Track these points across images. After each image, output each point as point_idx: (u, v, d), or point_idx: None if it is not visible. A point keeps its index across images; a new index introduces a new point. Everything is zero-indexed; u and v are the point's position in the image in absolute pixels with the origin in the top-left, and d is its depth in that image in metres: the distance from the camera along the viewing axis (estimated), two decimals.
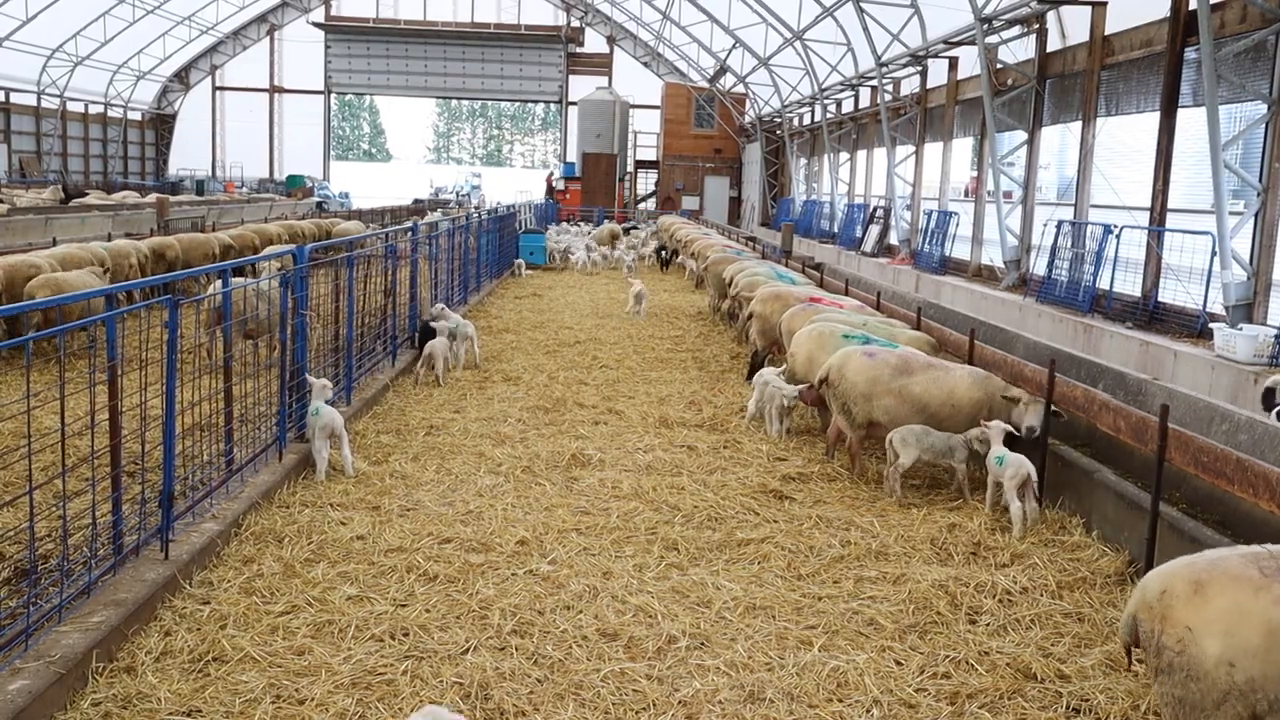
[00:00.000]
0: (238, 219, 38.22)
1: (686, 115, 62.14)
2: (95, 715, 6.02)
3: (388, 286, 17.11)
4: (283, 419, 11.01)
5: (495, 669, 6.78)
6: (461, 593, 8.01)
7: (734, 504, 10.41)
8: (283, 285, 11.68)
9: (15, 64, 56.59)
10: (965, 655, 7.25)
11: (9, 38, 53.79)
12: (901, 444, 10.64)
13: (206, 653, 6.86)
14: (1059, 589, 8.47)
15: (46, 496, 7.38)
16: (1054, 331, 19.15)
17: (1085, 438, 11.61)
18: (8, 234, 26.91)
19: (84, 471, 8.03)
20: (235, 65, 73.23)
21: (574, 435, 12.90)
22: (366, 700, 6.37)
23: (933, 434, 10.73)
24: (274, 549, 8.74)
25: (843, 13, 35.83)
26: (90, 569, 7.27)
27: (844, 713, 6.41)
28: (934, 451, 10.67)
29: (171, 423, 8.25)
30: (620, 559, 8.86)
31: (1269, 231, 16.14)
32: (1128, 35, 20.88)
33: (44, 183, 52.91)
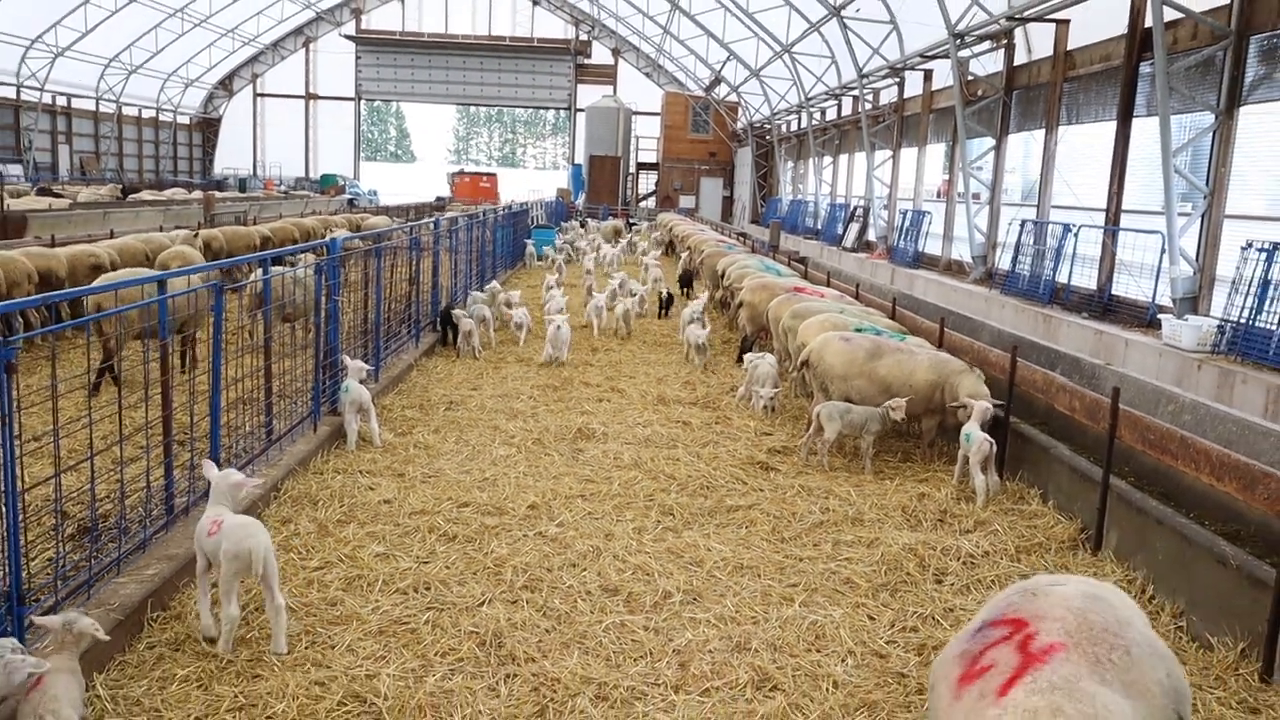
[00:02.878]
0: (276, 214, 38.17)
1: (684, 121, 62.00)
2: (150, 657, 6.08)
3: (412, 275, 17.14)
4: (316, 394, 11.05)
5: (508, 620, 6.84)
6: (478, 551, 8.06)
7: (724, 474, 10.46)
8: (317, 273, 11.70)
9: (76, 73, 56.52)
10: (932, 611, 7.30)
11: (70, 48, 53.69)
12: (827, 419, 10.82)
13: (249, 603, 6.91)
14: (1017, 553, 8.52)
15: (106, 462, 7.41)
16: (1017, 321, 19.16)
17: (1044, 416, 11.64)
18: (70, 226, 26.87)
19: (139, 440, 8.07)
20: (274, 74, 73.04)
21: (580, 411, 12.93)
22: (392, 646, 6.43)
23: (853, 410, 10.94)
24: (309, 511, 8.80)
25: (828, 28, 35.77)
26: (145, 527, 7.32)
27: (821, 662, 6.46)
28: (852, 425, 10.85)
29: (217, 397, 8.30)
30: (621, 522, 8.91)
31: (1214, 231, 16.14)
32: (1088, 50, 20.82)
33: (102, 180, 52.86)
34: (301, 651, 6.28)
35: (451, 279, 20.38)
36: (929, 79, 30.54)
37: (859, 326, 13.10)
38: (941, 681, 3.94)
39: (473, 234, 23.36)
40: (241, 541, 6.04)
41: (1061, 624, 3.79)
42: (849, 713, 5.86)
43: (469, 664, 6.26)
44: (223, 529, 6.19)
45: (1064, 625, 3.78)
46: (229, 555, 6.03)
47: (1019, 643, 3.76)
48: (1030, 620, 3.88)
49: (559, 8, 70.07)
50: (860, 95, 35.36)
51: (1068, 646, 3.66)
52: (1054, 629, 3.78)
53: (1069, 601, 3.96)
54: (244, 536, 6.08)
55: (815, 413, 10.99)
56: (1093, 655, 3.63)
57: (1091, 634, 3.74)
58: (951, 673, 3.87)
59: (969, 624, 4.20)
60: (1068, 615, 3.85)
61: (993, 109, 25.22)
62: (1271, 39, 15.25)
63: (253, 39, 69.57)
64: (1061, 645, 3.67)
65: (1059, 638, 3.71)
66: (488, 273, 25.68)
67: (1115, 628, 3.81)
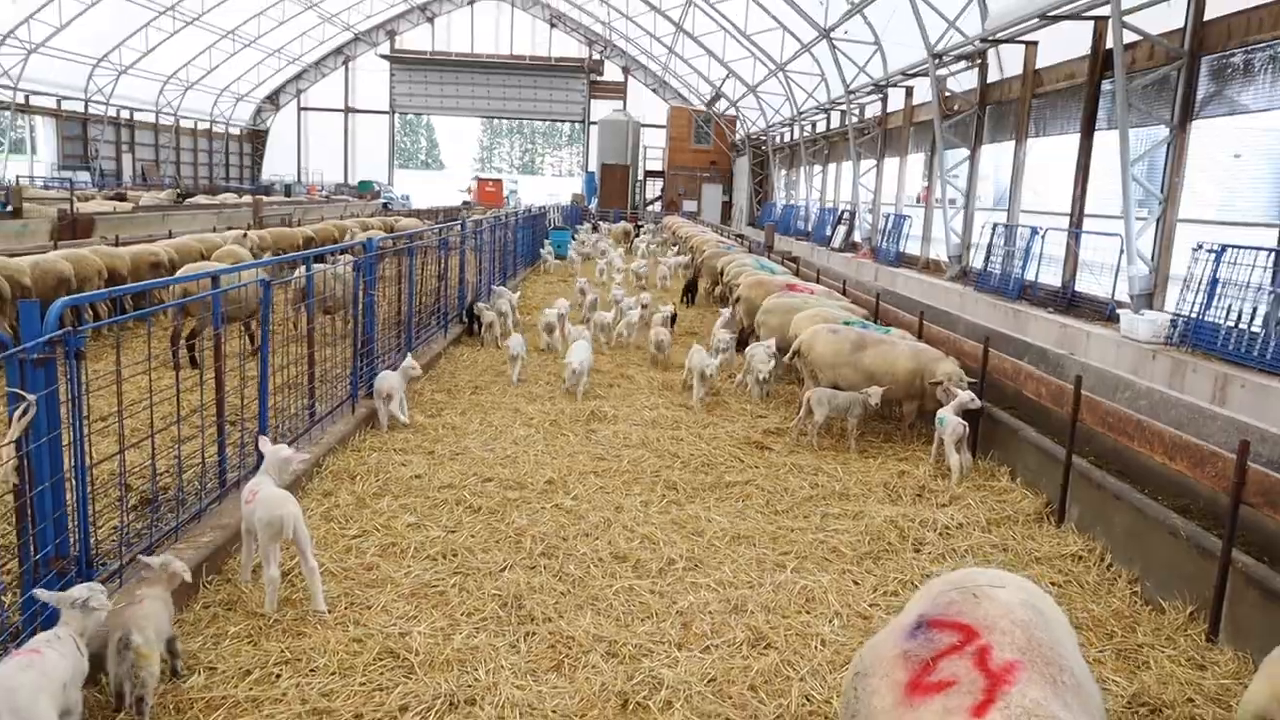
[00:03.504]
0: (318, 216, 38.13)
1: (687, 133, 61.79)
2: (205, 616, 6.11)
3: (440, 272, 17.15)
4: (354, 380, 11.07)
5: (527, 584, 6.86)
6: (500, 522, 8.08)
7: (723, 453, 10.47)
8: (355, 270, 11.71)
9: (137, 89, 56.59)
10: (911, 577, 7.31)
11: (133, 66, 53.74)
12: (817, 404, 10.83)
13: (293, 568, 6.94)
14: (988, 525, 8.52)
15: (165, 440, 7.43)
16: (989, 315, 19.11)
17: (1013, 401, 11.62)
18: (133, 227, 26.89)
19: (194, 420, 8.09)
20: (316, 90, 72.89)
21: (592, 395, 12.94)
22: (422, 607, 6.45)
23: (839, 395, 10.96)
24: (348, 485, 8.82)
25: (818, 49, 35.67)
26: (200, 499, 7.36)
27: (810, 622, 6.47)
28: (838, 409, 10.87)
29: (265, 381, 8.32)
30: (630, 496, 8.92)
31: (1168, 234, 16.09)
32: (1055, 69, 20.73)
33: (161, 185, 52.85)
34: (341, 611, 6.30)
35: (476, 276, 20.39)
36: (910, 95, 30.44)
37: (847, 320, 13.10)
38: (879, 678, 3.55)
39: (495, 235, 23.36)
40: (273, 509, 6.18)
41: (1012, 639, 3.45)
42: (835, 668, 5.87)
43: (492, 623, 6.28)
44: (258, 498, 6.34)
45: (1014, 641, 3.44)
46: (263, 522, 6.18)
47: (975, 657, 3.40)
48: (980, 630, 3.51)
49: (574, 30, 69.81)
50: (847, 110, 35.23)
51: (1025, 666, 3.32)
52: (1006, 644, 3.42)
53: (1013, 613, 3.60)
54: (275, 505, 6.22)
55: (806, 398, 10.99)
56: (1049, 676, 3.33)
57: (1040, 652, 3.42)
58: (894, 673, 3.50)
59: (902, 616, 3.82)
60: (1015, 630, 3.49)
61: (968, 122, 25.14)
62: (1221, 60, 15.18)
63: (297, 58, 69.48)
64: (1019, 664, 3.33)
65: (1014, 655, 3.38)
66: (508, 270, 25.69)
67: (1057, 647, 3.51)
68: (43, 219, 24.89)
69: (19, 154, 50.79)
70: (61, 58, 48.57)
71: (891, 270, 27.23)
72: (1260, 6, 14.09)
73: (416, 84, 71.64)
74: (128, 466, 6.70)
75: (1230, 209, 17.51)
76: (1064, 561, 7.77)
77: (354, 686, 5.43)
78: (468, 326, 17.28)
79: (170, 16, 51.39)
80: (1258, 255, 12.92)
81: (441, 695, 5.34)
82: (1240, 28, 14.57)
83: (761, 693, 5.55)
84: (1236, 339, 12.70)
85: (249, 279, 10.54)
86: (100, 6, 46.10)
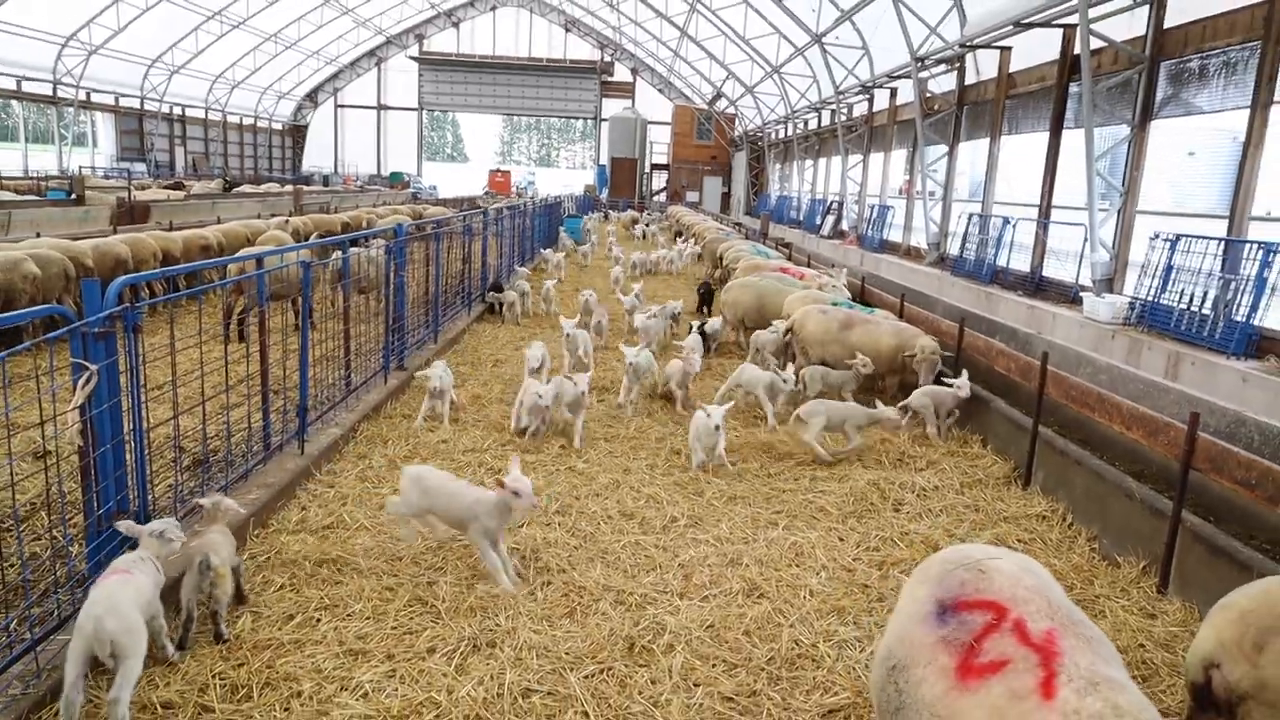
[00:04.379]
0: (354, 204, 38.07)
1: (690, 130, 61.45)
2: (252, 565, 6.13)
3: (465, 256, 17.12)
4: (386, 353, 11.07)
5: (543, 539, 6.88)
6: None
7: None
8: (387, 253, 11.69)
9: (188, 87, 56.39)
10: (891, 534, 7.32)
11: (184, 67, 53.54)
12: (810, 380, 10.85)
13: (332, 523, 6.98)
14: (961, 487, 8.52)
15: (215, 407, 7.45)
16: (964, 297, 19.06)
17: (985, 376, 11.61)
18: (185, 213, 26.85)
19: (241, 389, 8.11)
20: (351, 88, 72.49)
21: (604, 367, 12.93)
22: (447, 558, 6.48)
23: (830, 373, 11.02)
24: (380, 448, 8.84)
25: (810, 53, 35.44)
26: (247, 460, 7.38)
27: (800, 574, 6.49)
28: (830, 385, 10.92)
29: (305, 354, 8.33)
30: (636, 460, 8.93)
31: (1127, 224, 16.01)
32: (1027, 73, 20.57)
33: (210, 176, 52.73)
34: (373, 562, 6.33)
35: (498, 259, 20.36)
36: (894, 95, 30.23)
37: (835, 301, 13.07)
38: (923, 667, 3.34)
39: (515, 222, 23.30)
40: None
41: (1037, 607, 3.30)
42: (822, 615, 5.89)
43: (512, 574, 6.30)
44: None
45: (1039, 608, 3.30)
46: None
47: (1015, 632, 3.23)
48: (1008, 605, 3.34)
49: (587, 34, 69.26)
50: (837, 109, 35.00)
51: (1060, 631, 3.18)
52: (1035, 613, 3.28)
53: (1023, 580, 3.46)
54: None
55: (802, 375, 10.96)
56: (1080, 635, 3.20)
57: (1064, 614, 3.30)
58: (938, 659, 3.30)
59: (919, 605, 3.60)
60: (1035, 597, 3.36)
61: (947, 121, 24.97)
62: (1178, 65, 15.06)
63: (334, 60, 69.13)
64: (1055, 630, 3.18)
65: (1047, 623, 3.23)
66: (526, 254, 25.62)
67: (1067, 603, 3.40)
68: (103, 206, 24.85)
69: (81, 147, 50.70)
70: (119, 59, 48.42)
71: (875, 256, 27.13)
72: (1215, 16, 13.97)
73: (443, 83, 71.23)
74: (181, 431, 6.72)
75: (1184, 202, 17.42)
76: (1030, 521, 7.78)
77: (386, 630, 5.46)
78: (490, 305, 17.27)
79: (218, 21, 51.16)
80: (1208, 244, 12.87)
81: (465, 638, 5.37)
82: (1196, 35, 14.44)
83: (755, 637, 5.57)
84: (1188, 320, 12.66)
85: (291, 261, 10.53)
86: (154, 11, 45.93)
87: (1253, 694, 3.54)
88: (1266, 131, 12.99)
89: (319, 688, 4.82)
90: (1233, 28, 13.63)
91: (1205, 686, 3.74)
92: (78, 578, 5.23)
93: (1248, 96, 13.23)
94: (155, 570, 4.91)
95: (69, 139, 47.52)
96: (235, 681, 4.84)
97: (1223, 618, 3.77)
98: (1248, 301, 11.80)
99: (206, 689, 4.76)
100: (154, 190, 35.40)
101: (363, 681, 4.89)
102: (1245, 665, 3.57)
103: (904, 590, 3.87)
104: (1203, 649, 3.77)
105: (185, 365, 9.04)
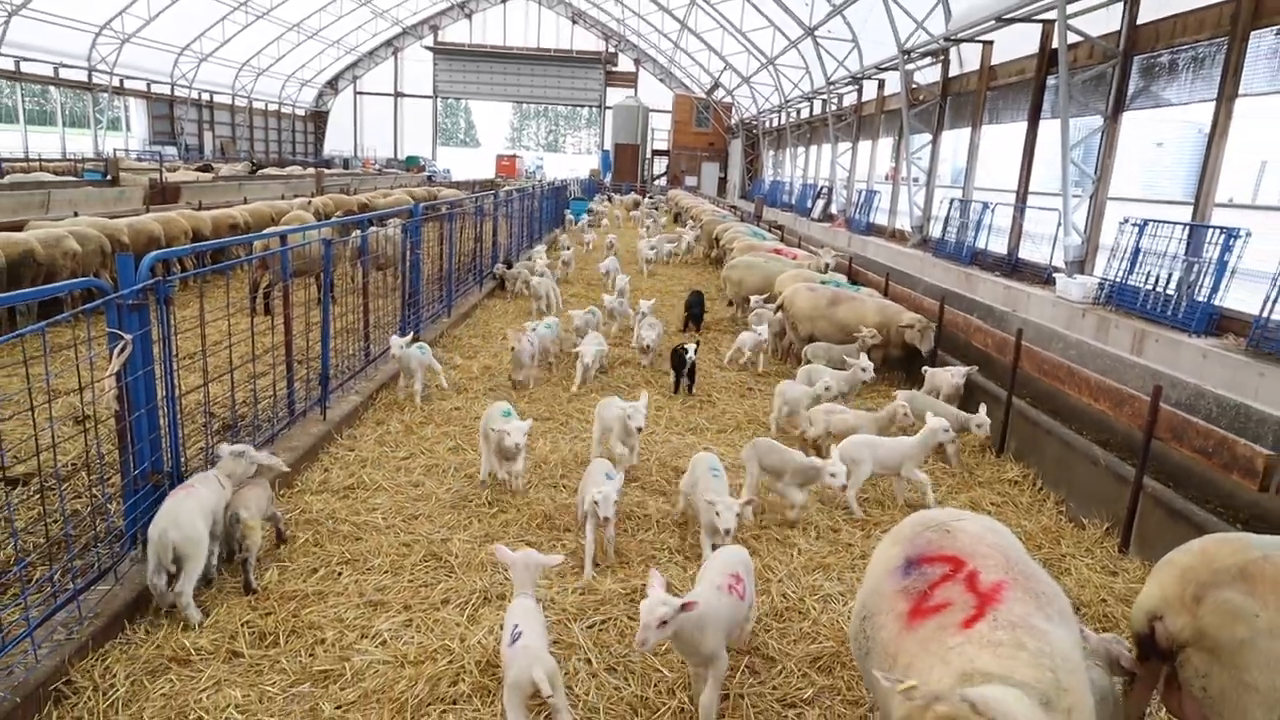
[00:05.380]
0: (372, 186, 37.90)
1: (689, 118, 60.97)
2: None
3: (477, 235, 17.07)
4: (403, 325, 11.08)
5: (552, 500, 6.92)
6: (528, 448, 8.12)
7: (719, 391, 10.47)
8: (404, 231, 11.67)
9: (216, 74, 56.00)
10: (873, 496, 7.35)
11: (212, 55, 53.15)
12: (813, 355, 10.61)
13: (352, 484, 7.02)
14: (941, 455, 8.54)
15: (242, 376, 7.46)
16: (944, 277, 19.01)
17: (964, 350, 11.62)
18: (213, 193, 26.73)
19: (267, 359, 8.12)
20: (369, 77, 71.93)
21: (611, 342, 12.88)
22: (461, 517, 6.52)
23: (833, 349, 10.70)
24: (397, 414, 8.87)
25: (804, 45, 35.12)
26: (273, 425, 7.41)
27: (789, 535, 6.52)
28: (832, 359, 10.49)
29: (327, 326, 8.34)
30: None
31: (1099, 210, 15.95)
32: (1007, 65, 20.41)
33: (237, 159, 52.48)
34: (392, 521, 6.38)
35: (508, 239, 20.30)
36: (882, 86, 30.00)
37: (824, 280, 13.04)
38: (884, 614, 3.48)
39: (524, 204, 23.22)
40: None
41: (994, 562, 3.39)
42: (808, 572, 5.94)
43: (527, 534, 6.33)
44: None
45: (996, 563, 3.38)
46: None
47: (966, 581, 3.34)
48: (966, 558, 3.45)
49: (593, 26, 68.60)
50: (827, 99, 34.76)
51: (1010, 584, 3.28)
52: (990, 567, 3.36)
53: (985, 539, 3.56)
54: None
55: (804, 352, 10.89)
56: (1031, 590, 3.28)
57: (1019, 569, 3.38)
58: (896, 606, 3.43)
59: (889, 562, 3.69)
60: (993, 553, 3.44)
61: (931, 111, 24.80)
62: (1149, 59, 14.94)
63: (353, 49, 68.58)
64: (1005, 583, 3.27)
65: (1000, 576, 3.32)
66: (535, 233, 25.55)
67: (1028, 563, 3.48)
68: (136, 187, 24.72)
69: (115, 131, 50.43)
70: (150, 47, 48.07)
71: (862, 238, 27.04)
72: (1186, 13, 13.84)
73: (456, 72, 70.67)
74: (211, 397, 6.74)
75: (1152, 189, 17.35)
76: (1002, 485, 7.82)
77: (403, 583, 5.51)
78: (499, 281, 17.24)
79: (243, 11, 50.71)
80: (1174, 229, 12.83)
81: (478, 591, 5.42)
82: (1167, 31, 14.32)
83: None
84: (1153, 300, 12.65)
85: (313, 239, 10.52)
86: (183, 1, 45.51)
87: (1192, 642, 3.63)
88: (1230, 124, 12.92)
89: (341, 635, 4.88)
90: (1201, 24, 13.51)
91: (1149, 637, 3.82)
92: (116, 533, 5.28)
93: (1214, 90, 13.14)
94: (220, 487, 5.34)
95: (104, 123, 47.24)
96: (263, 629, 4.90)
97: (1166, 574, 3.84)
98: (1209, 283, 11.79)
99: (236, 636, 4.82)
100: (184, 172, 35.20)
101: (381, 630, 4.95)
102: (1186, 617, 3.65)
103: (878, 549, 3.97)
104: (1147, 603, 3.85)
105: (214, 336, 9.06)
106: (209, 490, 5.23)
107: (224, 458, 5.58)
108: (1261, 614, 3.48)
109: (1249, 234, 11.58)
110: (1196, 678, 3.61)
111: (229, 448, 5.63)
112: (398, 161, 69.05)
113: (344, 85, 72.20)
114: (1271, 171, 14.74)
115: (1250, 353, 10.31)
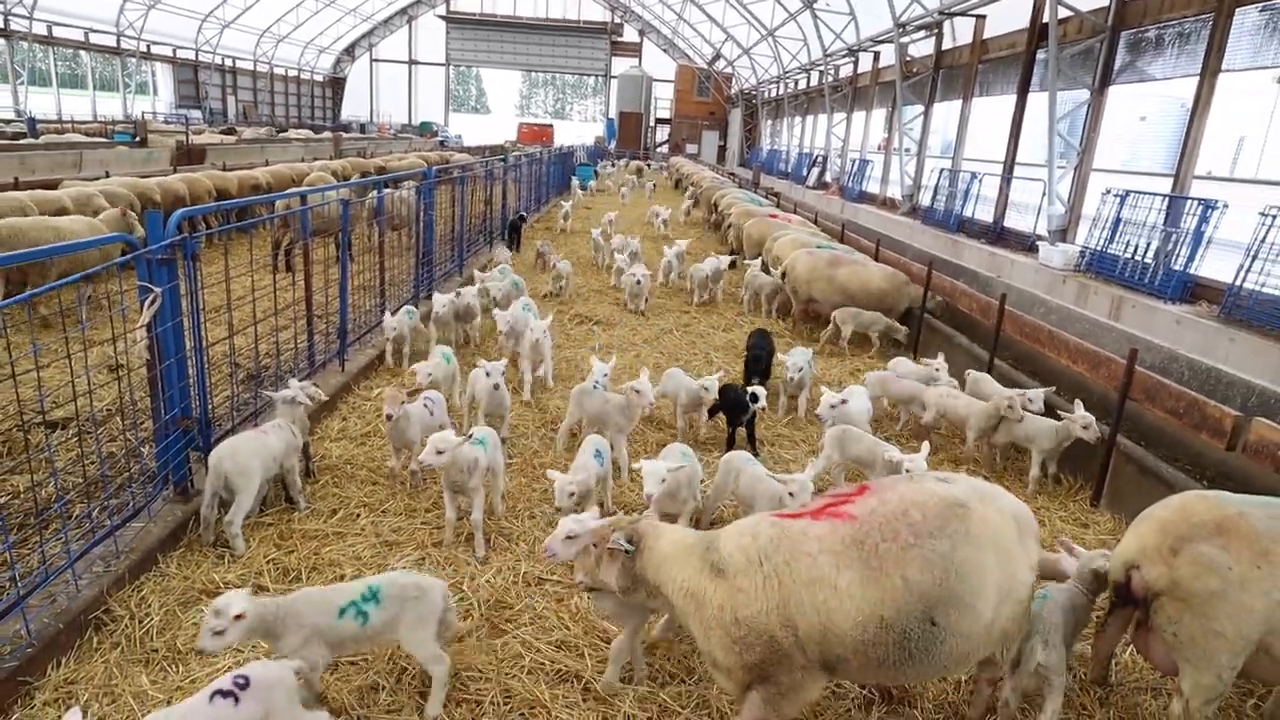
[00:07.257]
0: (388, 150, 37.57)
1: (691, 88, 60.24)
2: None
3: (487, 198, 16.95)
4: (417, 283, 11.04)
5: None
6: (535, 405, 8.13)
7: (707, 351, 10.45)
8: (417, 193, 11.58)
9: (238, 41, 55.30)
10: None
11: (234, 22, 52.41)
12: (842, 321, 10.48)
13: (369, 431, 7.04)
14: None
15: (265, 329, 7.45)
16: (932, 244, 18.91)
17: (949, 313, 11.59)
18: (237, 155, 26.51)
19: (288, 314, 8.10)
20: (385, 44, 70.95)
21: (613, 302, 12.86)
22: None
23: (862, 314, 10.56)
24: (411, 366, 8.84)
25: (802, 17, 34.62)
26: (295, 375, 7.41)
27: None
28: (861, 325, 10.50)
29: (345, 283, 8.31)
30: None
31: (1083, 180, 15.80)
32: (998, 39, 20.10)
33: (259, 123, 51.99)
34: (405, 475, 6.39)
35: (517, 201, 20.16)
36: (877, 59, 29.58)
37: (820, 244, 12.94)
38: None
39: (532, 168, 23.03)
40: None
41: (887, 510, 3.42)
42: None
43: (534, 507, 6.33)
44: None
45: (887, 516, 3.40)
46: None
47: (844, 501, 3.55)
48: (870, 486, 3.66)
49: None
50: (824, 70, 34.31)
51: (861, 521, 3.38)
52: (877, 512, 3.42)
53: (909, 487, 3.56)
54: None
55: (834, 316, 10.80)
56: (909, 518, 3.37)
57: (904, 526, 3.35)
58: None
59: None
60: (902, 512, 3.41)
61: (924, 83, 24.48)
62: (1136, 35, 14.71)
63: (369, 17, 67.56)
64: (859, 519, 3.40)
65: (865, 515, 3.42)
66: (543, 197, 25.36)
67: (919, 511, 3.39)
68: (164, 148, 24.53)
69: (143, 94, 49.88)
70: (176, 13, 47.39)
71: (855, 205, 26.84)
72: None
73: (468, 41, 69.68)
74: (236, 349, 6.74)
75: (1134, 161, 17.18)
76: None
77: (416, 525, 5.55)
78: (509, 241, 17.16)
79: None
80: (1154, 200, 12.73)
81: (487, 535, 5.45)
82: (1155, 7, 14.07)
83: None
84: (1132, 268, 12.59)
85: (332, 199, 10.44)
86: None
87: (1166, 591, 3.66)
88: (1214, 99, 12.75)
89: (359, 573, 4.92)
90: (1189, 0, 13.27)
91: (1125, 585, 3.85)
92: (149, 474, 5.31)
93: (1198, 65, 12.95)
94: (291, 435, 5.54)
95: (132, 87, 46.71)
96: (287, 566, 4.95)
97: (1146, 526, 3.86)
98: (1185, 253, 11.72)
99: (262, 572, 4.87)
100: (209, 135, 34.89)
101: (396, 568, 4.99)
102: (1162, 567, 3.68)
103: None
104: (1126, 553, 3.86)
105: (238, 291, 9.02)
106: (278, 439, 5.41)
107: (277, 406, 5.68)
108: (1234, 567, 3.51)
109: (1226, 206, 11.49)
110: (1169, 624, 3.65)
111: (280, 394, 5.71)
112: (412, 127, 68.36)
113: (360, 53, 71.24)
114: (1249, 145, 14.59)
115: (1222, 320, 10.28)
